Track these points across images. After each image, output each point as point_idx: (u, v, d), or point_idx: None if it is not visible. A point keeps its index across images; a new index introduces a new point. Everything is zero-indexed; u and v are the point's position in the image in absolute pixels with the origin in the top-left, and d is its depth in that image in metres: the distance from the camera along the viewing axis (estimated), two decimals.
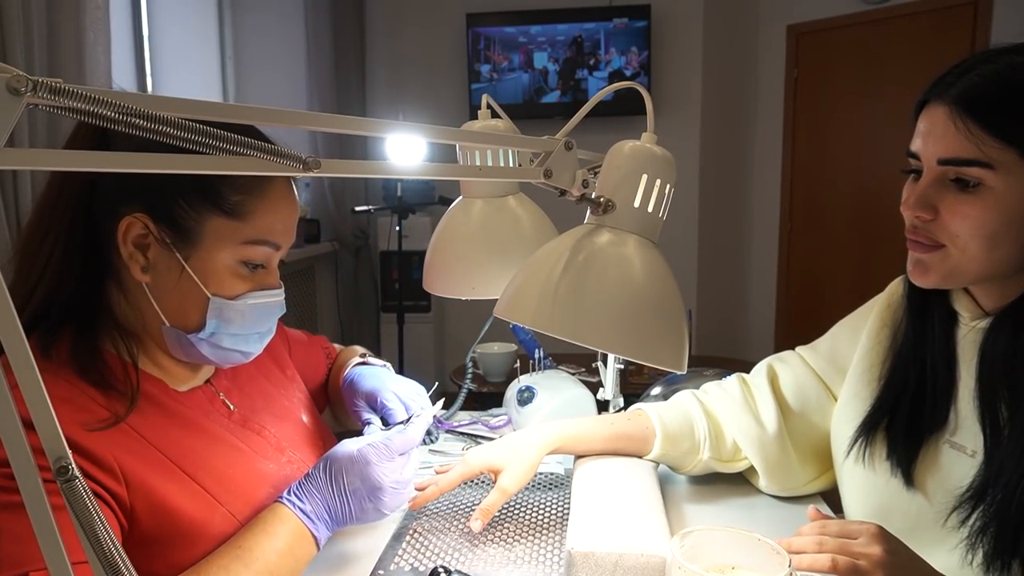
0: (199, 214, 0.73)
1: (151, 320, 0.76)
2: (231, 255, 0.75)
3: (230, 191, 0.73)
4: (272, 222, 0.76)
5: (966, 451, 0.80)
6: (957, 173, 0.74)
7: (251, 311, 0.77)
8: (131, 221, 0.71)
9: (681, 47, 3.94)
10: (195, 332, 0.75)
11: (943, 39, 3.46)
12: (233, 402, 0.86)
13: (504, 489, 0.91)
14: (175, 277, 0.74)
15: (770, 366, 1.08)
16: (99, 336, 0.75)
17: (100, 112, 0.39)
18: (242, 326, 0.77)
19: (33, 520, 0.39)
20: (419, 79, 4.11)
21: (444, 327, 4.16)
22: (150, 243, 0.73)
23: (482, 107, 0.89)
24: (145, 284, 0.74)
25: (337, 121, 0.50)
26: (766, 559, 0.67)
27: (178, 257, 0.73)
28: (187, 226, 0.73)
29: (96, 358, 0.72)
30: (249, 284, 0.77)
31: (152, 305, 0.74)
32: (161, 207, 0.72)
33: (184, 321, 0.75)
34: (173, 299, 0.74)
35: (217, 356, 0.78)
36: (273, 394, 0.94)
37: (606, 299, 0.58)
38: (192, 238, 0.73)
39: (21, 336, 0.38)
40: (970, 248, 0.74)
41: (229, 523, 0.76)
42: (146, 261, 0.73)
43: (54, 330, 0.73)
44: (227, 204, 0.73)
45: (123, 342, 0.75)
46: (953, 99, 0.74)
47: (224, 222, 0.74)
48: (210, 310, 0.74)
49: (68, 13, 1.84)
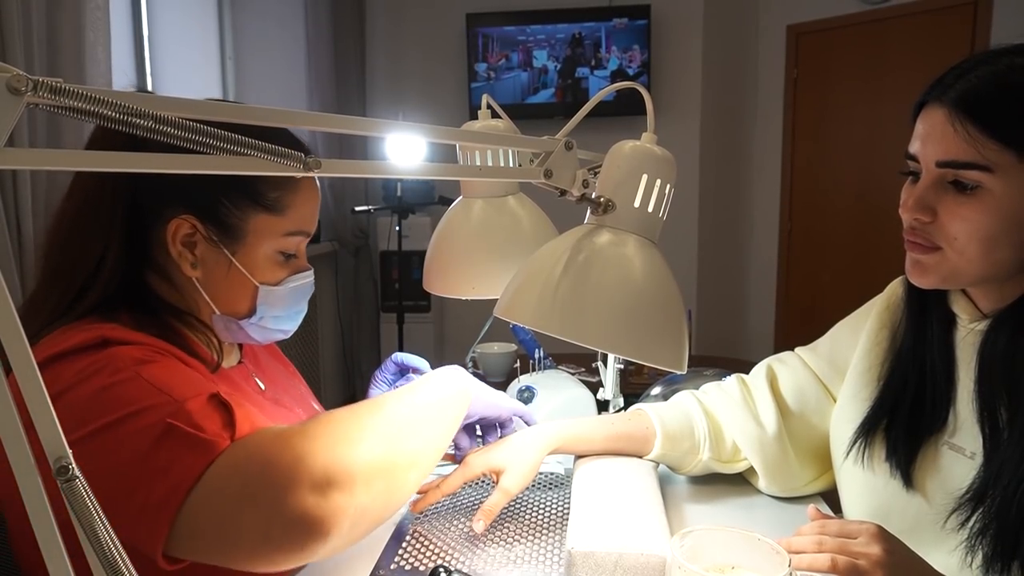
0: (243, 212, 0.78)
1: (202, 308, 0.81)
2: (272, 246, 0.80)
3: (268, 188, 0.78)
4: (305, 213, 0.82)
5: (965, 453, 0.80)
6: (956, 176, 0.74)
7: (291, 294, 0.83)
8: (179, 223, 0.75)
9: (681, 47, 3.94)
10: (245, 318, 0.81)
11: (943, 39, 3.46)
12: (262, 382, 0.91)
13: (506, 490, 0.91)
14: (224, 271, 0.79)
15: (769, 367, 1.08)
16: (161, 315, 0.78)
17: (100, 112, 0.39)
18: (284, 308, 0.83)
19: (33, 520, 0.39)
20: (419, 79, 4.11)
21: (444, 327, 4.16)
22: (197, 241, 0.77)
23: (482, 107, 0.89)
24: (195, 279, 0.78)
25: (337, 121, 0.50)
26: (766, 559, 0.67)
27: (226, 253, 0.78)
28: (232, 223, 0.78)
29: (172, 332, 0.76)
30: (287, 270, 0.83)
31: (203, 296, 0.79)
32: (206, 207, 0.76)
33: (234, 309, 0.81)
34: (223, 290, 0.80)
35: (262, 336, 0.84)
36: (287, 382, 0.98)
37: (606, 299, 0.58)
38: (237, 234, 0.78)
39: (21, 336, 0.38)
40: (968, 251, 0.74)
41: None
42: (194, 258, 0.78)
43: (111, 316, 0.74)
44: (267, 200, 0.78)
45: (184, 319, 0.80)
46: (952, 101, 0.73)
47: (265, 217, 0.79)
48: (259, 297, 0.81)
49: (68, 13, 1.84)
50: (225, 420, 0.62)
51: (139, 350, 0.67)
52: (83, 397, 0.63)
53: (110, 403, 0.62)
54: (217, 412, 0.63)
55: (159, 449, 0.59)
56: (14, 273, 1.73)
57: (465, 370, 0.89)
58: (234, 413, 0.63)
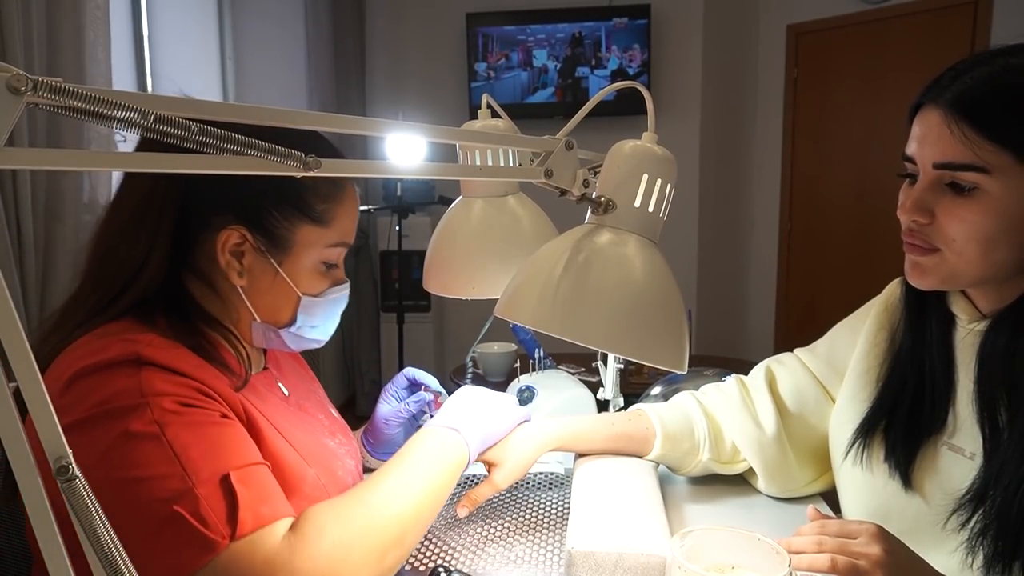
0: (291, 223, 0.78)
1: (243, 316, 0.82)
2: (316, 257, 0.81)
3: (315, 200, 0.79)
4: (348, 225, 0.84)
5: (964, 453, 0.80)
6: (953, 177, 0.73)
7: (331, 305, 0.85)
8: (230, 233, 0.76)
9: (681, 47, 3.94)
10: (285, 327, 0.83)
11: (943, 39, 3.46)
12: (285, 388, 0.92)
13: (494, 483, 0.92)
14: (269, 280, 0.80)
15: (768, 368, 1.08)
16: (194, 322, 0.79)
17: (100, 112, 0.39)
18: (322, 318, 0.85)
19: (33, 520, 0.39)
20: (419, 79, 4.11)
21: (444, 327, 4.16)
22: (245, 251, 0.78)
23: (482, 107, 0.89)
24: (240, 287, 0.79)
25: (337, 121, 0.50)
26: (766, 559, 0.67)
27: (272, 263, 0.79)
28: (280, 234, 0.78)
29: (202, 338, 0.77)
30: (328, 281, 0.84)
31: (246, 304, 0.80)
32: (255, 218, 0.77)
33: (276, 318, 0.82)
34: (266, 299, 0.81)
35: (297, 344, 0.86)
36: (307, 387, 0.98)
37: (606, 299, 0.58)
38: (285, 245, 0.79)
39: (21, 336, 0.38)
40: (966, 252, 0.74)
41: (318, 488, 0.79)
42: (241, 267, 0.78)
43: (147, 317, 0.75)
44: (315, 212, 0.79)
45: (216, 328, 0.80)
46: (947, 103, 0.73)
47: (312, 229, 0.80)
48: (300, 308, 0.82)
49: (68, 13, 1.84)
50: (230, 511, 0.63)
51: (172, 389, 0.67)
52: (101, 438, 0.63)
53: (125, 457, 0.62)
54: (224, 501, 0.63)
55: (160, 532, 0.61)
56: (14, 273, 1.73)
57: (463, 407, 0.91)
58: (239, 503, 0.63)
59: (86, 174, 1.94)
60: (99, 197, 2.01)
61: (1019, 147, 0.70)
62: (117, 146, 2.21)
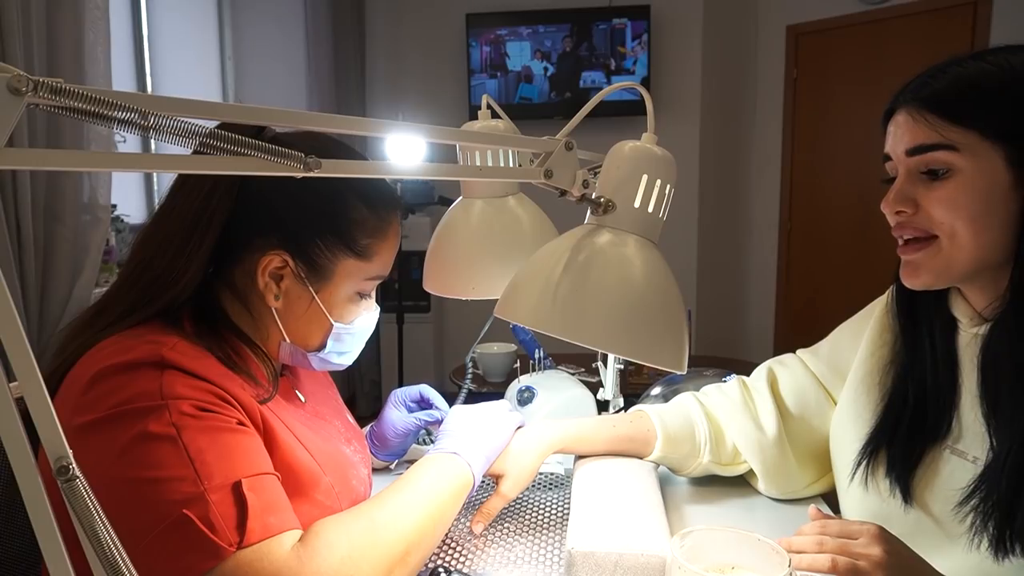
0: (333, 255, 0.79)
1: (272, 335, 0.82)
2: (352, 288, 0.82)
3: (361, 235, 0.80)
4: (388, 260, 0.85)
5: (968, 457, 0.80)
6: (926, 163, 0.76)
7: (360, 333, 0.86)
8: (272, 257, 0.77)
9: (681, 47, 3.94)
10: (314, 352, 0.84)
11: (943, 39, 3.46)
12: (302, 395, 0.92)
13: (504, 495, 0.92)
14: (304, 306, 0.81)
15: (770, 369, 1.08)
16: (221, 331, 0.79)
17: (100, 112, 0.38)
18: (350, 344, 0.86)
19: (33, 520, 0.39)
20: (419, 79, 4.11)
21: (444, 327, 4.16)
22: (285, 275, 0.79)
23: (482, 107, 0.89)
24: (275, 309, 0.80)
25: (337, 121, 0.50)
26: (766, 559, 0.67)
27: (310, 290, 0.80)
28: (321, 264, 0.79)
29: (229, 348, 0.77)
30: (360, 309, 0.85)
31: (277, 326, 0.81)
32: (300, 245, 0.78)
33: (306, 342, 0.83)
34: (300, 324, 0.82)
35: (321, 366, 0.87)
36: (323, 393, 0.99)
37: (606, 299, 0.58)
38: (325, 275, 0.80)
39: (21, 336, 0.38)
40: (958, 234, 0.75)
41: (331, 496, 0.79)
42: (278, 290, 0.79)
43: (175, 322, 0.76)
44: (358, 247, 0.80)
45: (245, 340, 0.81)
46: (916, 101, 0.77)
47: (354, 262, 0.81)
48: (332, 335, 0.83)
49: (68, 13, 1.84)
50: (240, 518, 0.63)
51: (191, 393, 0.68)
52: (119, 437, 0.63)
53: (141, 457, 0.63)
54: (235, 508, 0.63)
55: (168, 535, 0.61)
56: (14, 273, 1.73)
57: (459, 429, 0.91)
58: (248, 511, 0.63)
59: (86, 175, 1.94)
60: (99, 197, 2.02)
61: (984, 125, 0.73)
62: (117, 147, 2.21)
